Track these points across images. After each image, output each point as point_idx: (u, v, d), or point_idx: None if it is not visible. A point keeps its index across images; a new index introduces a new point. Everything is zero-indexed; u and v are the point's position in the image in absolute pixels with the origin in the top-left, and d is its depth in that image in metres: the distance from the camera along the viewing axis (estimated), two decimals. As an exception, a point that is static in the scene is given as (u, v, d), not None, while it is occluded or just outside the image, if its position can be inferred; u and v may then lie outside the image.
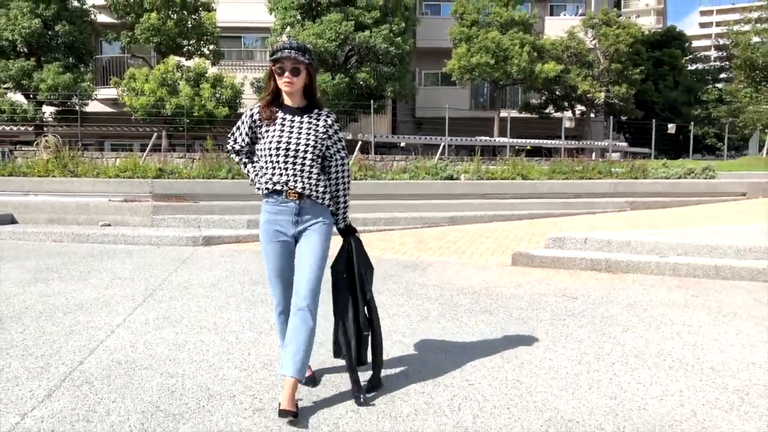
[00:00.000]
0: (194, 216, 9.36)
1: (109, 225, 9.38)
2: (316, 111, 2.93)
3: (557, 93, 22.68)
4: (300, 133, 2.85)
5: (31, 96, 17.75)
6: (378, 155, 15.71)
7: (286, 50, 2.81)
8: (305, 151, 2.83)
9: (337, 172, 2.97)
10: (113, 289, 5.26)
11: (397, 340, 3.84)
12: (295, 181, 2.82)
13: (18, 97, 18.13)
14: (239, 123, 2.99)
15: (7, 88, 17.75)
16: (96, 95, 19.28)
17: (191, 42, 18.67)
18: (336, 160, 2.96)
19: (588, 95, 21.64)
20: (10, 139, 18.91)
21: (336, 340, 2.97)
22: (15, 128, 18.28)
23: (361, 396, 2.85)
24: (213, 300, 4.85)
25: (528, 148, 16.72)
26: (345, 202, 3.01)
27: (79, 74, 17.58)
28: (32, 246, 7.93)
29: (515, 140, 19.06)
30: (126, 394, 2.91)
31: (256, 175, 2.95)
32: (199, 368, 3.28)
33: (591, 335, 3.97)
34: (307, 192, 2.83)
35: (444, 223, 10.12)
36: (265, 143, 2.86)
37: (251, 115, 2.94)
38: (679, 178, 13.96)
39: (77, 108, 17.37)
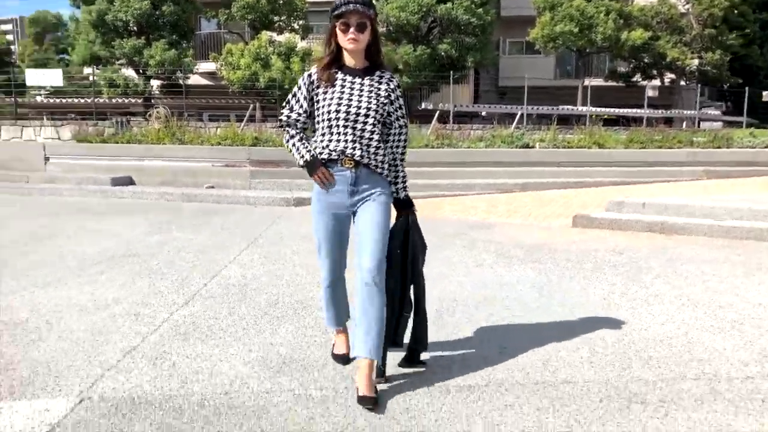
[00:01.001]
0: (287, 180, 10.45)
1: (213, 187, 10.61)
2: (378, 73, 2.70)
3: (645, 61, 22.20)
4: (361, 96, 2.62)
5: (140, 71, 19.53)
6: (456, 124, 16.25)
7: (351, 4, 2.56)
8: (366, 116, 2.61)
9: (395, 140, 2.74)
10: (222, 237, 6.30)
11: (454, 280, 4.60)
12: (354, 149, 2.60)
13: (129, 72, 20.00)
14: (294, 89, 2.73)
15: (121, 65, 19.62)
16: (197, 69, 20.86)
17: (282, 18, 19.75)
18: (395, 127, 2.73)
19: (677, 63, 21.09)
20: (123, 110, 20.87)
21: None
22: (127, 100, 20.19)
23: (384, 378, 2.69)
24: (304, 247, 5.78)
25: (604, 116, 16.69)
26: (403, 171, 2.80)
27: (182, 50, 19.16)
28: (149, 204, 9.22)
29: (595, 109, 19.02)
30: (241, 304, 3.86)
31: (310, 149, 2.67)
32: (294, 290, 4.20)
33: (624, 281, 4.57)
34: (365, 160, 2.62)
35: (517, 190, 10.66)
36: (323, 107, 2.63)
37: (309, 76, 2.70)
38: (766, 147, 13.71)
39: (181, 81, 18.94)
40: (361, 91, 2.64)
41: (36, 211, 8.14)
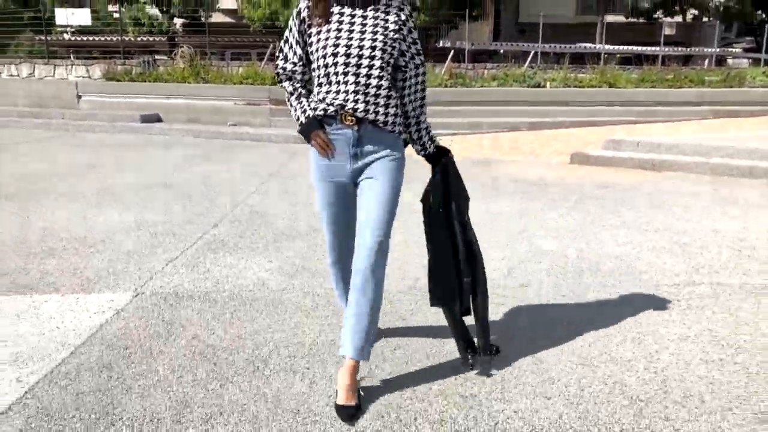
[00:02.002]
0: (304, 118, 10.98)
1: (235, 125, 11.21)
2: (384, 1, 2.18)
3: (667, -4, 21.90)
4: (364, 32, 2.12)
5: (164, 10, 19.87)
6: (471, 63, 16.46)
7: None
8: (371, 57, 2.10)
9: (412, 85, 2.25)
10: (244, 171, 6.94)
11: (449, 208, 5.20)
12: (356, 101, 2.11)
13: (153, 11, 20.35)
14: (286, 33, 2.24)
15: (145, 3, 19.96)
16: (219, 6, 21.13)
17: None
18: (410, 69, 2.23)
19: (700, -2, 20.79)
20: (148, 49, 21.30)
21: (432, 288, 2.39)
22: (152, 39, 20.60)
23: (470, 359, 2.35)
24: (318, 179, 6.39)
25: (618, 55, 16.75)
26: (426, 122, 2.34)
27: (204, -13, 19.46)
28: (177, 139, 9.87)
29: (611, 47, 19.01)
30: (262, 227, 4.53)
31: (306, 109, 2.22)
32: (308, 217, 4.85)
33: (599, 210, 5.14)
34: (371, 116, 2.13)
35: (524, 128, 11.09)
36: (317, 50, 2.14)
37: (298, 14, 2.20)
38: (778, 86, 13.81)
39: (203, 20, 19.27)
40: (364, 25, 2.13)
41: (76, 146, 8.84)
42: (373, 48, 2.11)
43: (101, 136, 10.33)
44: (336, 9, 2.15)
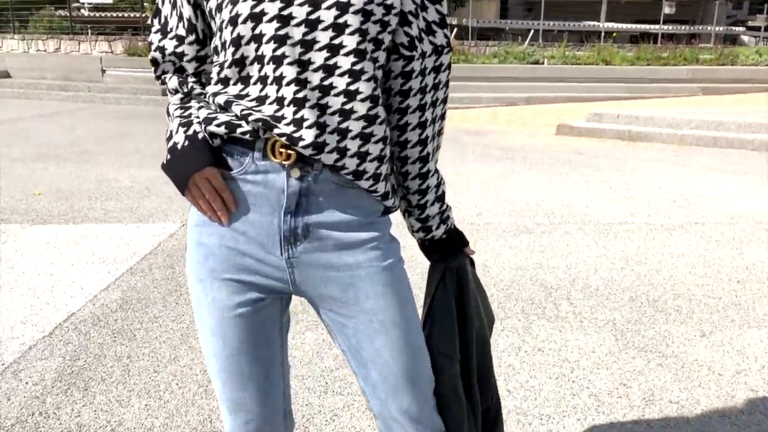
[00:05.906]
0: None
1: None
2: None
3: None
4: None
5: None
6: (473, 41, 17.12)
7: None
8: (338, 27, 0.94)
9: (417, 90, 1.07)
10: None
11: (441, 167, 6.04)
12: (299, 120, 0.96)
13: None
14: None
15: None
16: None
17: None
18: (417, 56, 1.04)
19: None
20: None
21: None
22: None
23: None
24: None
25: (614, 34, 17.35)
26: (438, 175, 1.23)
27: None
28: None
29: (612, 24, 19.61)
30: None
31: (184, 122, 1.07)
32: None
33: (568, 171, 5.96)
34: (331, 157, 0.99)
35: (521, 103, 11.84)
36: (222, 6, 0.97)
37: None
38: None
39: None
40: None
41: (105, 116, 9.74)
42: (343, 7, 0.95)
43: (127, 107, 11.21)
44: None
